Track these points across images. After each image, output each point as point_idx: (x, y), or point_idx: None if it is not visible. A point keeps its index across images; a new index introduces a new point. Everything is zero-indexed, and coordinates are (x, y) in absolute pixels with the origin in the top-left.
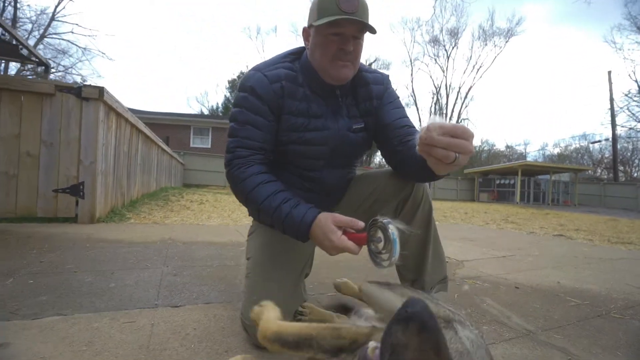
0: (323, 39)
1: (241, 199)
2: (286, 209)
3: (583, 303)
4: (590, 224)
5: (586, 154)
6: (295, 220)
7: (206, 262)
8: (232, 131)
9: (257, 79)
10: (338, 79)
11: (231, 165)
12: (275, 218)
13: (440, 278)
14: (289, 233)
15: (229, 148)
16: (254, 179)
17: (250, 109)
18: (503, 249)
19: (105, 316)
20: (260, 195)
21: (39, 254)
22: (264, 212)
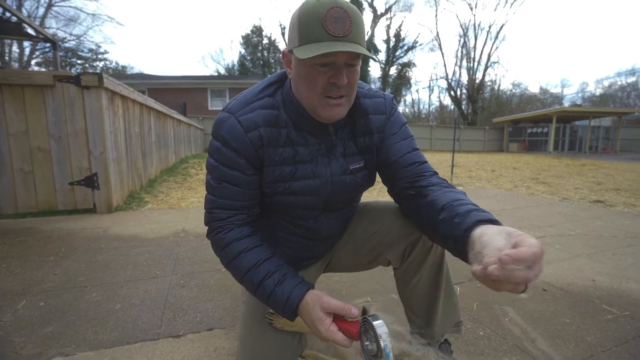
0: (309, 70)
1: (224, 266)
2: (269, 286)
3: (622, 315)
4: (632, 178)
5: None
6: (279, 301)
7: (215, 264)
8: (208, 187)
9: (230, 128)
10: (329, 120)
11: (210, 228)
12: (259, 295)
13: (452, 324)
14: (276, 311)
15: (206, 207)
16: (234, 246)
17: (226, 164)
18: (532, 227)
19: (105, 356)
20: (242, 266)
21: (55, 261)
22: (247, 286)
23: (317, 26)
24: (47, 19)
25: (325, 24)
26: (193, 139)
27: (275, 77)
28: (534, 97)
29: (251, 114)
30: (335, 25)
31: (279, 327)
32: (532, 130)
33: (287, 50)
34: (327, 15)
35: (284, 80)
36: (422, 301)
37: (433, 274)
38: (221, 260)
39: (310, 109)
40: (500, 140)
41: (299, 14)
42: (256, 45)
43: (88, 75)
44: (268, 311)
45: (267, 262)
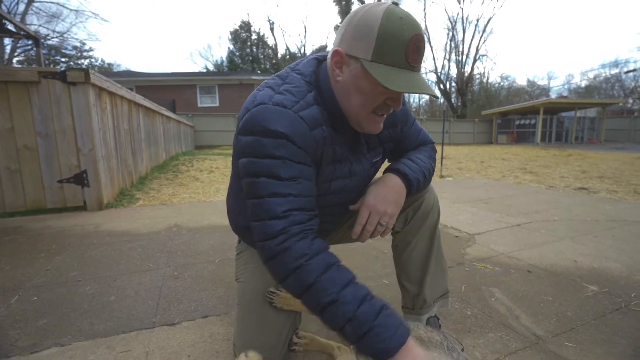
0: (371, 89)
1: (291, 282)
2: (377, 305)
3: (601, 291)
4: (616, 167)
5: (617, 84)
6: (389, 326)
7: (209, 256)
8: (274, 189)
9: (291, 123)
10: (369, 132)
11: (285, 234)
12: (362, 314)
13: (441, 293)
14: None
15: (275, 214)
16: (324, 257)
17: (294, 158)
18: (519, 214)
19: (101, 344)
20: (336, 280)
21: (46, 257)
22: (339, 304)
23: (399, 51)
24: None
25: (408, 52)
26: (183, 136)
27: (310, 69)
28: (521, 90)
29: (309, 110)
30: (415, 56)
31: (279, 306)
32: (520, 122)
33: (349, 54)
34: (411, 43)
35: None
36: (417, 265)
37: (429, 236)
38: (297, 274)
39: (353, 119)
40: (489, 132)
41: (381, 28)
42: (245, 41)
43: (74, 71)
44: (269, 289)
45: (357, 282)
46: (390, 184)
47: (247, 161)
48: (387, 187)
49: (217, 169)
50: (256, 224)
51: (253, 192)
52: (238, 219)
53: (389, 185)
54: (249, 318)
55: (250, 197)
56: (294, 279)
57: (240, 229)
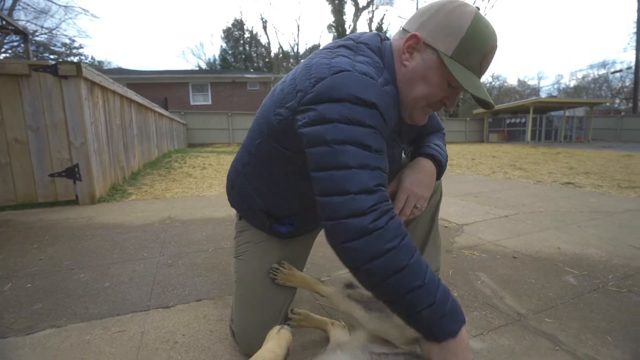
0: (438, 82)
1: (380, 264)
2: (448, 298)
3: (581, 274)
4: (602, 164)
5: (605, 84)
6: (458, 311)
7: (202, 245)
8: (364, 160)
9: (380, 95)
10: (414, 123)
11: (377, 211)
12: (440, 299)
13: (435, 269)
14: (443, 322)
15: (366, 187)
16: (410, 239)
17: (382, 131)
18: (507, 207)
19: (97, 326)
20: (421, 266)
21: (39, 248)
22: (424, 290)
23: (478, 57)
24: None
25: (484, 59)
26: (175, 134)
27: (376, 44)
28: (512, 89)
29: (389, 87)
30: (486, 64)
31: (281, 283)
32: (511, 120)
33: (427, 43)
34: (489, 52)
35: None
36: (417, 241)
37: (431, 215)
38: (393, 256)
39: (409, 106)
40: (480, 131)
41: (470, 30)
42: (238, 39)
43: (66, 65)
44: (273, 265)
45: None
46: (425, 168)
47: (329, 127)
48: (423, 172)
49: (210, 166)
50: (335, 200)
51: (334, 162)
52: (253, 202)
53: (424, 170)
54: (250, 295)
55: (327, 169)
56: (385, 261)
57: (252, 212)
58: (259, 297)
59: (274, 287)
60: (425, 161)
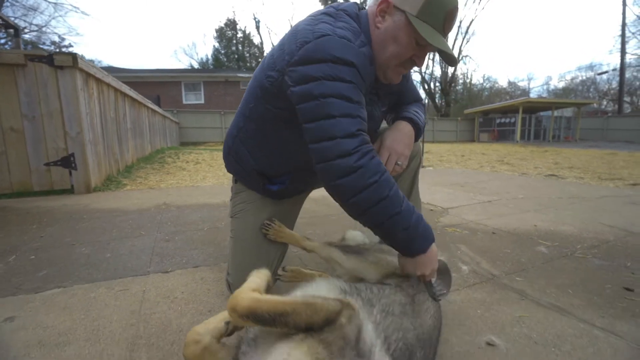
0: (407, 41)
1: (364, 196)
2: (422, 223)
3: (553, 245)
4: (586, 160)
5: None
6: (429, 231)
7: (198, 225)
8: (347, 110)
9: (358, 55)
10: (389, 82)
11: (360, 152)
12: (414, 223)
13: None
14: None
15: (349, 132)
16: (389, 174)
17: (360, 86)
18: (491, 194)
19: (101, 286)
20: (399, 196)
21: (38, 228)
22: (401, 216)
23: (440, 17)
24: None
25: (447, 19)
26: (168, 131)
27: (355, 11)
28: (503, 91)
29: (365, 49)
30: (450, 24)
31: (273, 238)
32: (501, 120)
33: (396, 5)
34: (450, 12)
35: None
36: None
37: (411, 178)
38: (376, 189)
39: (382, 66)
40: (471, 130)
41: None
42: (230, 39)
43: (62, 55)
44: (265, 221)
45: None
46: (405, 129)
47: (315, 85)
48: (402, 132)
49: (204, 161)
50: (324, 145)
51: (321, 113)
52: (247, 163)
53: (404, 131)
54: (245, 248)
55: (316, 119)
56: (367, 194)
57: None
58: (253, 250)
59: (266, 241)
60: (404, 124)
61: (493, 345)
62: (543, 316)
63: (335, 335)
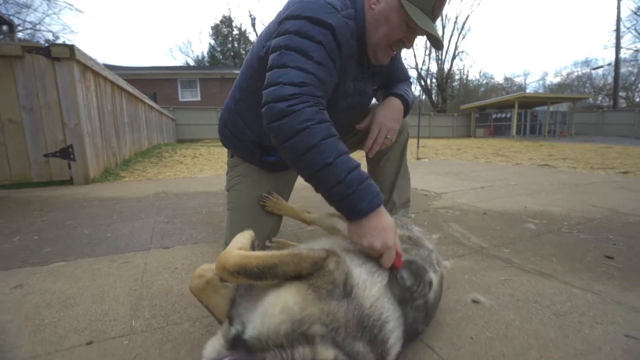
0: (397, 23)
1: (295, 143)
2: (360, 176)
3: (541, 222)
4: (580, 152)
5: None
6: (370, 192)
7: (196, 210)
8: (301, 64)
9: (339, 23)
10: (379, 63)
11: (297, 99)
12: (350, 179)
13: (405, 199)
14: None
15: (293, 81)
16: (328, 127)
17: (330, 51)
18: (484, 181)
19: (103, 259)
20: (335, 147)
21: (40, 214)
22: (334, 168)
23: (429, 2)
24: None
25: (435, 5)
26: (165, 127)
27: None
28: (499, 86)
29: (351, 22)
30: (439, 10)
31: (270, 210)
32: (497, 115)
33: None
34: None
35: None
36: (389, 174)
37: (400, 151)
38: (307, 135)
39: (373, 46)
40: (468, 126)
41: None
42: (226, 36)
43: (59, 47)
44: (262, 194)
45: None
46: (394, 105)
47: (285, 37)
48: (392, 108)
49: (201, 155)
50: (270, 89)
51: (278, 62)
52: (245, 135)
53: (393, 106)
54: (241, 218)
55: (272, 68)
56: (299, 140)
57: (243, 145)
58: (250, 219)
59: (263, 212)
60: (394, 99)
61: (478, 302)
62: (526, 279)
63: (323, 280)
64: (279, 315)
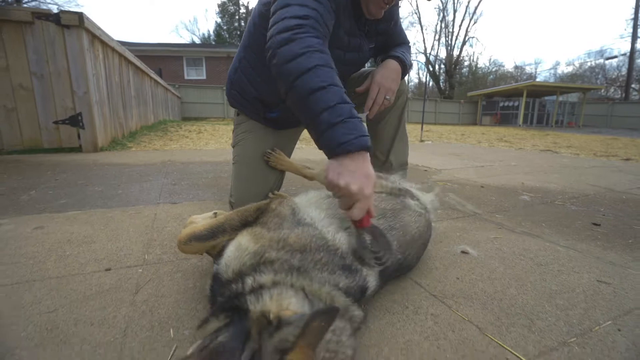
0: None
1: (292, 66)
2: (347, 111)
3: (535, 196)
4: (585, 142)
5: (601, 73)
6: (355, 129)
7: (202, 175)
8: (303, 2)
9: None
10: (371, 16)
11: (301, 29)
12: (340, 109)
13: (403, 161)
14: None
15: (297, 14)
16: (327, 57)
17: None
18: (484, 161)
19: (116, 210)
20: (328, 75)
21: (52, 174)
22: (326, 92)
23: None
24: None
25: None
26: (170, 104)
27: None
28: (508, 75)
29: None
30: None
31: (273, 165)
32: (505, 104)
33: None
34: None
35: None
36: (388, 136)
37: (399, 114)
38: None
39: (364, 2)
40: (474, 113)
41: None
42: (233, 14)
43: (68, 14)
44: (267, 150)
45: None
46: (392, 67)
47: None
48: (390, 69)
49: (206, 131)
50: (275, 25)
51: (280, 4)
52: (249, 93)
53: (391, 68)
54: (247, 171)
55: (278, 9)
56: (296, 63)
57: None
58: (254, 173)
59: (266, 167)
60: (392, 61)
61: (467, 253)
62: (514, 238)
63: (268, 215)
64: (234, 254)
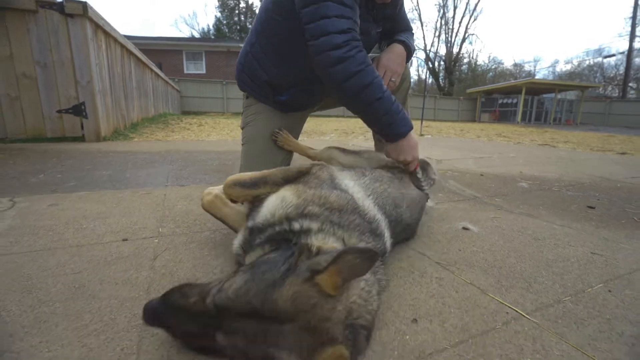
0: None
1: (353, 82)
2: (397, 107)
3: (533, 183)
4: (583, 138)
5: (599, 71)
6: (405, 118)
7: (207, 162)
8: (338, 11)
9: None
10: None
11: (349, 46)
12: (393, 109)
13: None
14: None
15: (342, 28)
16: (373, 68)
17: None
18: (483, 153)
19: (126, 191)
20: (381, 84)
21: (58, 160)
22: (383, 101)
23: None
24: None
25: None
26: (170, 97)
27: None
28: (507, 72)
29: None
30: None
31: (280, 145)
32: (503, 101)
33: None
34: None
35: None
36: None
37: (404, 96)
38: (357, 76)
39: None
40: (473, 110)
41: None
42: (233, 9)
43: (72, 3)
44: (275, 130)
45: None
46: (397, 51)
47: None
48: (395, 53)
49: (207, 124)
50: (321, 39)
51: (319, 14)
52: (259, 77)
53: (397, 52)
54: (256, 150)
55: (314, 20)
56: (356, 79)
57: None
58: (263, 152)
59: (275, 147)
60: (397, 45)
61: (468, 229)
62: (513, 217)
63: (309, 177)
64: (279, 204)
